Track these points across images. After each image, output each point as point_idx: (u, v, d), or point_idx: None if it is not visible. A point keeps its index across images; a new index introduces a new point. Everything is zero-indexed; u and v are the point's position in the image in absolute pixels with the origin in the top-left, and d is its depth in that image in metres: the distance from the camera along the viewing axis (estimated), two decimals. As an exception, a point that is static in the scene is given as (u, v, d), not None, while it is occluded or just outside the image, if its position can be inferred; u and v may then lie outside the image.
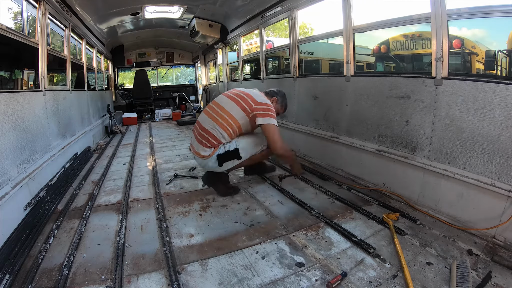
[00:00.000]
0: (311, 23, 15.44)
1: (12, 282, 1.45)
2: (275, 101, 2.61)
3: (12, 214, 1.96)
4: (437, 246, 1.70)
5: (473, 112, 1.83)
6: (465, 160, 1.90)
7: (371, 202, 2.31)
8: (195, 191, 2.67)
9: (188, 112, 9.49)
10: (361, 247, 1.69)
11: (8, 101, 2.21)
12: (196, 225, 2.05)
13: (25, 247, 1.74)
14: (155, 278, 1.49)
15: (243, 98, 2.37)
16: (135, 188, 2.80)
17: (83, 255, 1.70)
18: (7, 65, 3.32)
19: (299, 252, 1.69)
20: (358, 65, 3.21)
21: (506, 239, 1.68)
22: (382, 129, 2.54)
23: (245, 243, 1.80)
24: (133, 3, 5.03)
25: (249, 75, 7.80)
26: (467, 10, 1.88)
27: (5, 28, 2.22)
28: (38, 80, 2.95)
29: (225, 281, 1.45)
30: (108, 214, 2.24)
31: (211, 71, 8.92)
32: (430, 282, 1.41)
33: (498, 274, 1.45)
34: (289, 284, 1.43)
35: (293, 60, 3.86)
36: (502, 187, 1.69)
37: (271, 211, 2.23)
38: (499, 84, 1.71)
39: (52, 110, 3.14)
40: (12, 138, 2.17)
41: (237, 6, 4.92)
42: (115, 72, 9.38)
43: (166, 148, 4.62)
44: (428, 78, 2.09)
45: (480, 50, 3.34)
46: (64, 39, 4.03)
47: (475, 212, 1.85)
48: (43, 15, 2.96)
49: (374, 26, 2.68)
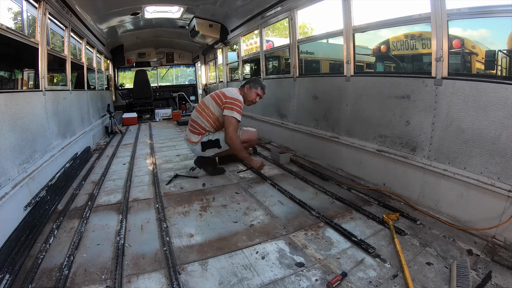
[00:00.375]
0: (311, 23, 15.45)
1: (12, 282, 1.45)
2: (248, 88, 2.96)
3: (12, 214, 1.96)
4: (437, 246, 1.70)
5: (473, 112, 1.83)
6: (465, 160, 1.90)
7: (371, 202, 2.31)
8: (195, 191, 2.67)
9: (188, 112, 9.47)
10: (361, 247, 1.69)
11: (8, 101, 2.21)
12: (196, 225, 2.05)
13: (25, 247, 1.73)
14: (155, 278, 1.49)
15: (218, 95, 2.90)
16: (135, 188, 2.80)
17: (83, 255, 1.70)
18: (7, 65, 3.32)
19: (299, 252, 1.69)
20: (358, 65, 3.21)
21: (506, 239, 1.68)
22: (382, 129, 2.54)
23: (245, 243, 1.80)
24: (133, 3, 5.03)
25: (249, 75, 7.80)
26: (467, 10, 1.88)
27: (5, 28, 2.22)
28: (38, 80, 2.95)
29: (225, 281, 1.45)
30: (108, 214, 2.24)
31: (211, 71, 8.92)
32: (430, 282, 1.41)
33: (498, 274, 1.45)
34: (289, 284, 1.43)
35: (293, 60, 3.86)
36: (502, 187, 1.69)
37: (271, 211, 2.23)
38: (499, 84, 1.71)
39: (52, 110, 3.14)
40: (12, 138, 2.17)
41: (237, 6, 4.92)
42: (115, 72, 9.38)
43: (166, 148, 4.62)
44: (428, 78, 2.10)
45: (480, 50, 3.34)
46: (64, 39, 4.03)
47: (475, 212, 1.85)
48: (43, 15, 2.96)
49: (374, 26, 2.68)
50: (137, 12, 5.44)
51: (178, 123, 7.53)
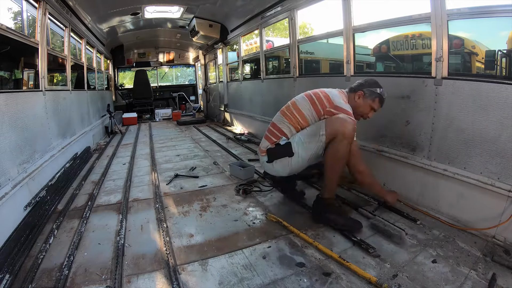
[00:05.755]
0: (311, 23, 15.46)
1: (12, 282, 1.45)
2: (360, 96, 2.07)
3: (12, 214, 1.95)
4: (437, 246, 1.70)
5: (473, 112, 1.83)
6: (465, 160, 1.90)
7: (371, 202, 2.31)
8: (195, 191, 2.67)
9: (188, 112, 9.49)
10: (361, 247, 1.69)
11: (8, 101, 2.20)
12: (196, 225, 2.05)
13: (25, 247, 1.74)
14: (155, 278, 1.49)
15: (319, 98, 2.03)
16: (135, 188, 2.80)
17: (84, 254, 1.70)
18: (7, 65, 3.32)
19: (299, 252, 1.69)
20: (358, 65, 3.21)
21: (506, 239, 1.68)
22: (382, 129, 2.54)
23: (245, 243, 1.80)
24: (133, 3, 5.03)
25: (249, 75, 7.80)
26: (467, 10, 1.88)
27: (5, 28, 2.22)
28: (38, 80, 2.95)
29: (225, 281, 1.45)
30: (108, 214, 2.24)
31: (211, 71, 8.92)
32: (430, 282, 1.41)
33: (498, 274, 1.45)
34: (289, 284, 1.43)
35: (293, 60, 3.86)
36: (502, 187, 1.69)
37: (271, 210, 2.23)
38: (499, 84, 1.71)
39: (52, 110, 3.14)
40: (12, 138, 2.17)
41: (237, 6, 4.92)
42: (115, 72, 9.38)
43: (166, 148, 4.61)
44: (428, 78, 2.09)
45: (480, 50, 3.34)
46: (64, 39, 4.03)
47: (475, 212, 1.85)
48: (43, 15, 2.96)
49: (374, 26, 2.68)
50: (137, 12, 5.45)
51: (178, 123, 7.53)
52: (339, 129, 1.85)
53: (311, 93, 2.11)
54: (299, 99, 2.12)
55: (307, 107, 2.03)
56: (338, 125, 1.86)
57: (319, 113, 1.99)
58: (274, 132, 2.09)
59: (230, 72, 7.10)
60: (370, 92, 2.06)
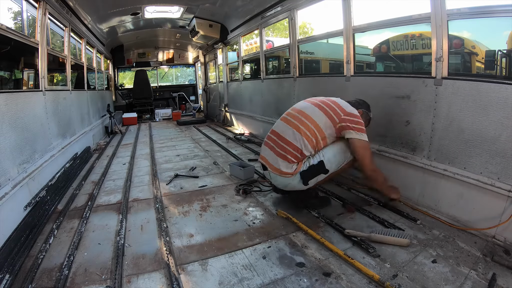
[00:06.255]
0: (311, 23, 15.47)
1: (12, 282, 1.45)
2: (360, 113, 2.16)
3: (12, 214, 1.96)
4: (437, 246, 1.70)
5: (473, 112, 1.83)
6: (465, 160, 1.90)
7: (371, 202, 2.31)
8: (195, 191, 2.67)
9: (188, 112, 9.50)
10: (361, 247, 1.69)
11: (8, 101, 2.21)
12: (196, 225, 2.05)
13: (25, 247, 1.74)
14: (155, 278, 1.49)
15: (330, 107, 2.07)
16: (135, 188, 2.80)
17: (84, 254, 1.70)
18: (7, 65, 3.32)
19: (299, 252, 1.69)
20: (358, 65, 3.21)
21: (506, 239, 1.68)
22: (382, 129, 2.54)
23: (245, 243, 1.80)
24: (133, 3, 5.03)
25: (249, 75, 7.80)
26: (467, 10, 1.88)
27: (5, 28, 2.22)
28: (38, 80, 2.95)
29: (225, 281, 1.45)
30: (108, 214, 2.24)
31: (211, 71, 8.92)
32: (430, 282, 1.41)
33: (498, 274, 1.45)
34: (289, 284, 1.43)
35: (293, 60, 3.86)
36: (502, 187, 1.69)
37: (271, 211, 2.23)
38: (499, 84, 1.71)
39: (52, 110, 3.14)
40: (12, 138, 2.17)
41: (237, 6, 4.93)
42: (115, 72, 9.38)
43: (166, 148, 4.62)
44: (428, 78, 2.10)
45: (480, 50, 3.34)
46: (64, 39, 4.03)
47: (475, 212, 1.85)
48: (43, 15, 2.96)
49: (374, 26, 2.68)
50: (137, 12, 5.45)
51: (178, 123, 7.53)
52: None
53: (318, 101, 2.15)
54: (308, 108, 2.13)
55: (319, 116, 2.06)
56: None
57: (334, 122, 2.04)
58: (292, 152, 2.03)
59: (230, 72, 7.10)
60: (366, 114, 2.27)
